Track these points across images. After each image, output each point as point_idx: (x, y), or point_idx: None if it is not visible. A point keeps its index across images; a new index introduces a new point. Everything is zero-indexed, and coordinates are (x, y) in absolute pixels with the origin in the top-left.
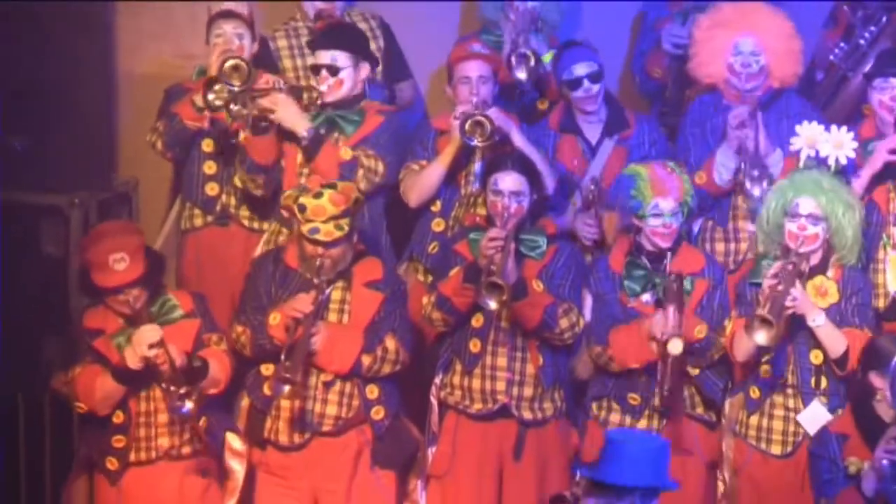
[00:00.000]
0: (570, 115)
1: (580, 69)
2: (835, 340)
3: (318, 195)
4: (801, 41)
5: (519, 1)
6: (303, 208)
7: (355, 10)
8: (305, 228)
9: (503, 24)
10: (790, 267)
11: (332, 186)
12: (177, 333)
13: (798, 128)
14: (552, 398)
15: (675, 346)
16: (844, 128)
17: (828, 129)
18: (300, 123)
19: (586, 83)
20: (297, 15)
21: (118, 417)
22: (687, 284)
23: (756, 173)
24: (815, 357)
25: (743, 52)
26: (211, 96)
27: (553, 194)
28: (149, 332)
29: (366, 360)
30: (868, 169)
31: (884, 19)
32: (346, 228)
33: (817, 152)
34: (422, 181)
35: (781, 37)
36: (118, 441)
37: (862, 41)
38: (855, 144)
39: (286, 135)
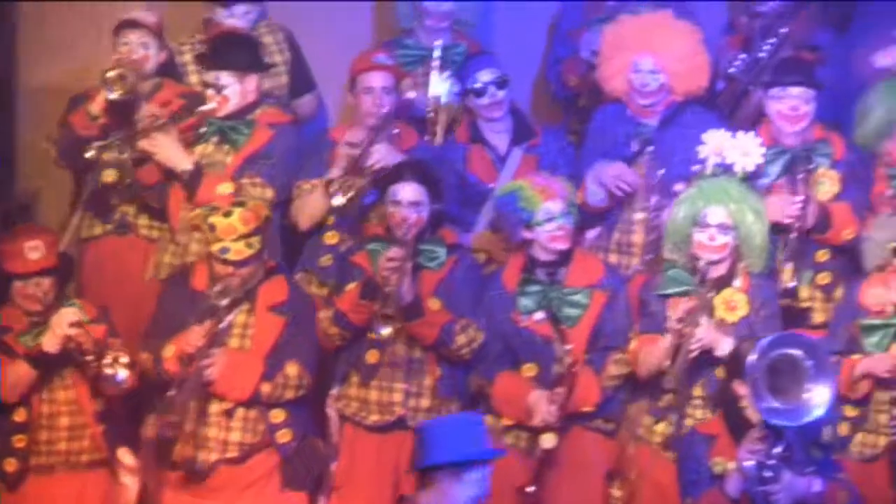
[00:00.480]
0: (476, 125)
1: (485, 76)
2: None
3: (227, 214)
4: (705, 55)
5: (432, 3)
6: (212, 227)
7: (263, 23)
8: (216, 248)
9: (418, 31)
10: (694, 306)
11: (242, 204)
12: None
13: (705, 136)
14: (449, 410)
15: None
16: (751, 134)
17: (734, 135)
18: (180, 162)
19: (492, 90)
20: (204, 29)
21: (20, 416)
22: (583, 298)
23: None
24: (720, 372)
25: (642, 70)
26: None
27: (462, 206)
28: (69, 313)
29: (265, 388)
30: None
31: (783, 30)
32: (257, 246)
33: (724, 159)
34: (311, 205)
35: (682, 55)
36: (19, 441)
37: (762, 54)
38: (762, 150)
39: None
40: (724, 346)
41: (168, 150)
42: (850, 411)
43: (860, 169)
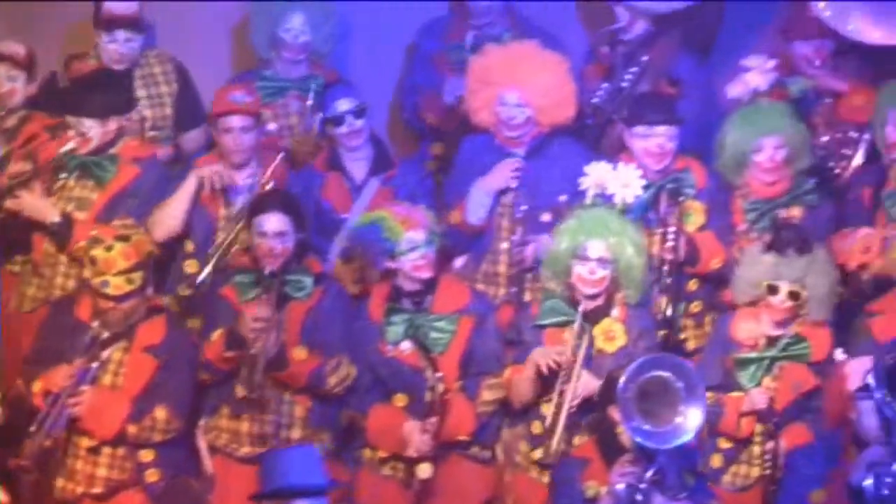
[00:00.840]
0: (335, 153)
1: (343, 105)
2: None
3: (109, 248)
4: (572, 86)
5: (288, 33)
6: (93, 261)
7: (154, 52)
8: (96, 281)
9: (276, 62)
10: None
11: (125, 239)
12: None
13: (586, 167)
14: (321, 440)
15: (424, 471)
16: (632, 166)
17: (615, 167)
18: (48, 214)
19: (349, 119)
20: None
21: None
22: (449, 324)
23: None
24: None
25: (508, 104)
26: None
27: (316, 235)
28: None
29: (131, 429)
30: None
31: (644, 59)
32: (138, 282)
33: (605, 191)
34: (164, 214)
35: (548, 88)
36: None
37: (624, 84)
38: (643, 182)
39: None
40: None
41: (34, 205)
42: (723, 443)
43: (720, 196)
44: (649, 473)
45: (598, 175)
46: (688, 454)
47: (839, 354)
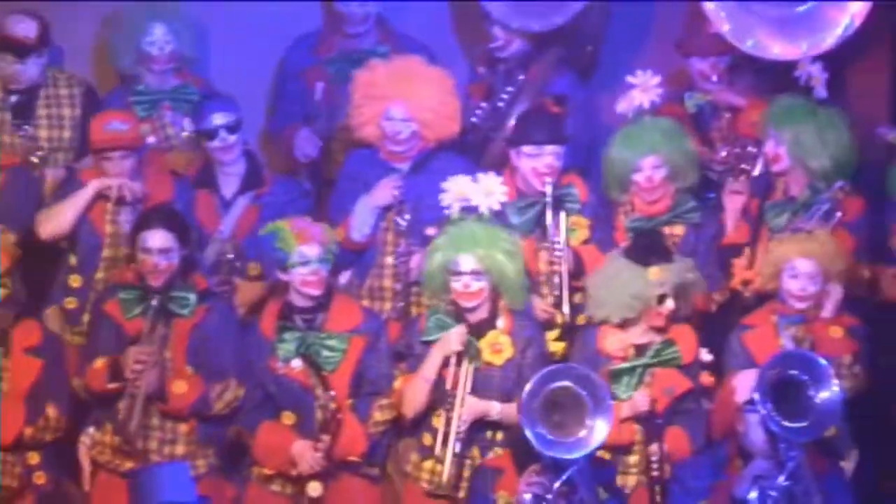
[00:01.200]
0: (208, 169)
1: (218, 119)
2: (515, 418)
3: None
4: (456, 101)
5: (153, 46)
6: None
7: (64, 75)
8: None
9: (146, 75)
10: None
11: None
12: None
13: (445, 183)
14: (206, 456)
15: (314, 489)
16: (492, 174)
17: (475, 178)
18: None
19: (223, 133)
20: None
21: None
22: (341, 343)
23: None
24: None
25: (394, 118)
26: None
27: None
28: None
29: (28, 431)
30: None
31: (521, 77)
32: (10, 287)
33: (469, 202)
34: (55, 213)
35: (434, 103)
36: None
37: (501, 103)
38: (505, 189)
39: None
40: (494, 411)
41: None
42: (600, 453)
43: (603, 211)
44: (557, 484)
45: (458, 189)
46: (603, 469)
47: (705, 355)
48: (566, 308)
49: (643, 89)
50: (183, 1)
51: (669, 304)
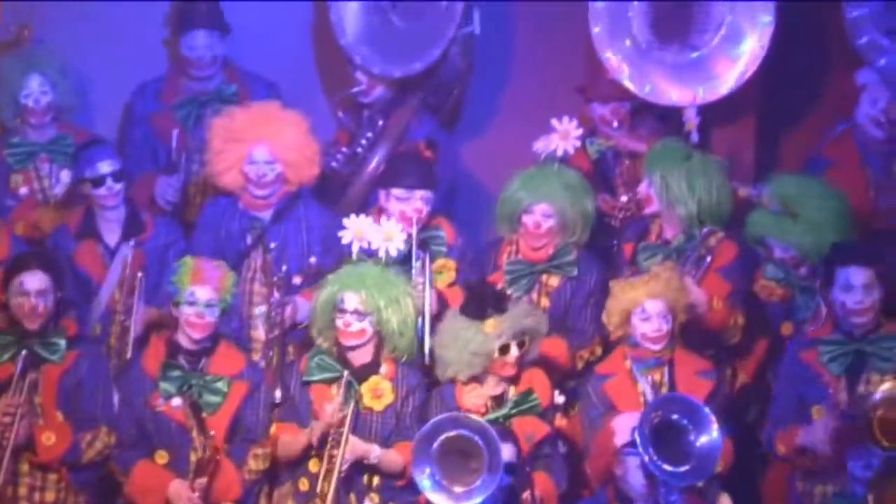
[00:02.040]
0: (90, 218)
1: (104, 167)
2: (392, 463)
3: None
4: (315, 144)
5: (29, 98)
6: None
7: None
8: None
9: (24, 128)
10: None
11: None
12: None
13: (345, 221)
14: (76, 502)
15: None
16: (393, 219)
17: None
18: None
19: (109, 181)
20: None
21: None
22: (223, 386)
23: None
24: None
25: (257, 161)
26: None
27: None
28: None
29: None
30: None
31: (381, 123)
32: None
33: (370, 244)
34: None
35: (296, 144)
36: None
37: (360, 148)
38: (404, 236)
39: None
40: (373, 455)
41: None
42: None
43: (471, 253)
44: None
45: (358, 228)
46: None
47: (557, 397)
48: (427, 348)
49: (564, 136)
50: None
51: (514, 352)
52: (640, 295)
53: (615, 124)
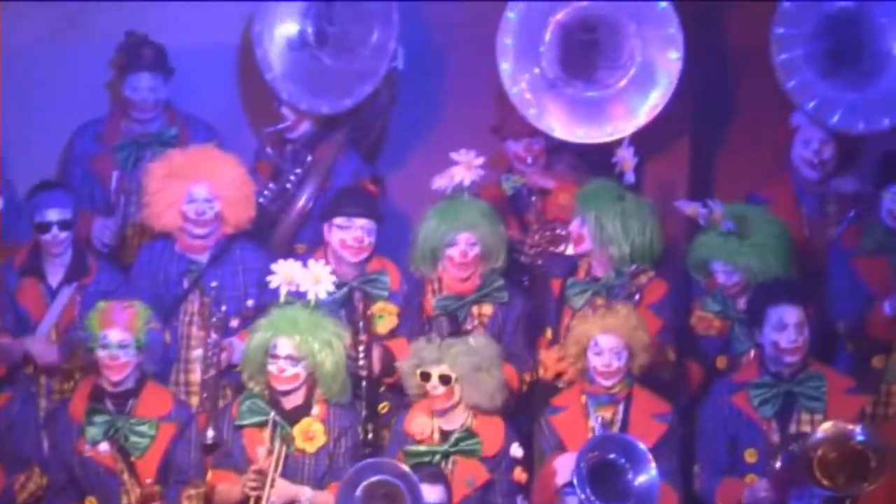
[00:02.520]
0: (36, 256)
1: (52, 215)
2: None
3: None
4: (252, 186)
5: None
6: None
7: None
8: None
9: None
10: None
11: None
12: None
13: (273, 266)
14: None
15: None
16: (322, 262)
17: (305, 264)
18: None
19: (55, 230)
20: None
21: None
22: (150, 429)
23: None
24: None
25: (197, 199)
26: None
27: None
28: None
29: None
30: None
31: (309, 158)
32: None
33: (297, 288)
34: None
35: (234, 183)
36: None
37: (289, 185)
38: (333, 278)
39: None
40: (305, 493)
41: None
42: None
43: (415, 300)
44: None
45: (286, 272)
46: None
47: (515, 450)
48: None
49: (466, 167)
50: None
51: (434, 382)
52: (593, 328)
53: (529, 161)
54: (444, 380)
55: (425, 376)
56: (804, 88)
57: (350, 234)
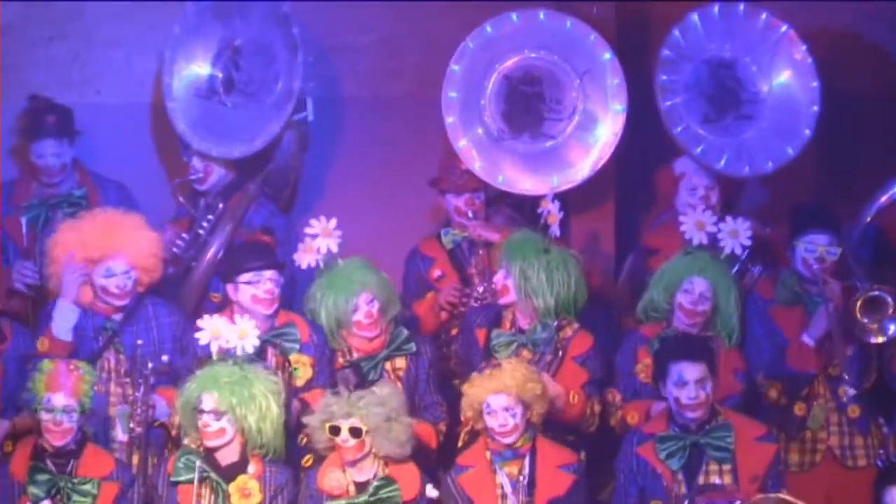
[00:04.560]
0: None
1: None
2: None
3: None
4: (162, 245)
5: None
6: None
7: None
8: None
9: None
10: None
11: None
12: None
13: (200, 322)
14: None
15: None
16: (246, 317)
17: (230, 320)
18: None
19: None
20: None
21: None
22: (92, 488)
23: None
24: None
25: (116, 273)
26: None
27: None
28: None
29: None
30: None
31: (221, 206)
32: None
33: (226, 343)
34: None
35: (149, 250)
36: None
37: (201, 231)
38: (257, 332)
39: None
40: None
41: None
42: None
43: (326, 350)
44: None
45: (213, 328)
46: None
47: (430, 491)
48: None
49: (325, 234)
50: None
51: (343, 435)
52: (482, 391)
53: (470, 215)
54: (355, 432)
55: (335, 430)
56: (690, 134)
57: (261, 287)
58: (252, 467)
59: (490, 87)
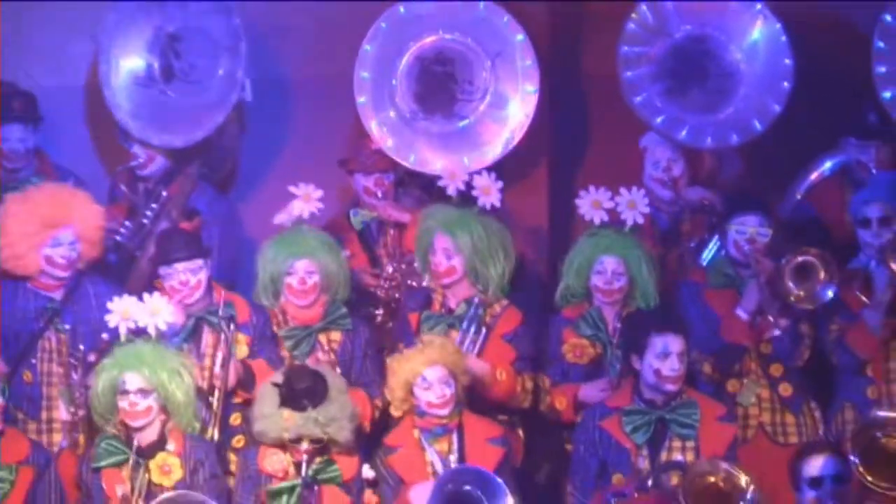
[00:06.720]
0: None
1: None
2: None
3: None
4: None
5: None
6: None
7: None
8: None
9: None
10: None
11: None
12: None
13: (110, 304)
14: None
15: None
16: (157, 294)
17: (141, 298)
18: None
19: None
20: None
21: None
22: (9, 474)
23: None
24: None
25: (63, 243)
26: None
27: None
28: None
29: None
30: None
31: (164, 194)
32: None
33: (136, 323)
34: None
35: (96, 223)
36: None
37: (146, 220)
38: (171, 308)
39: None
40: None
41: None
42: None
43: (265, 330)
44: None
45: (123, 309)
46: None
47: (367, 472)
48: (215, 432)
49: (305, 199)
50: None
51: (303, 446)
52: (417, 365)
53: (379, 195)
54: (317, 441)
55: (296, 440)
56: (651, 105)
57: (175, 279)
58: (171, 444)
59: (402, 68)
